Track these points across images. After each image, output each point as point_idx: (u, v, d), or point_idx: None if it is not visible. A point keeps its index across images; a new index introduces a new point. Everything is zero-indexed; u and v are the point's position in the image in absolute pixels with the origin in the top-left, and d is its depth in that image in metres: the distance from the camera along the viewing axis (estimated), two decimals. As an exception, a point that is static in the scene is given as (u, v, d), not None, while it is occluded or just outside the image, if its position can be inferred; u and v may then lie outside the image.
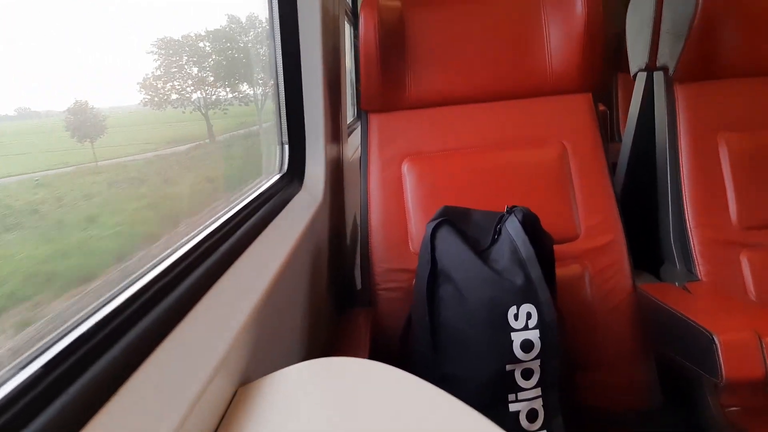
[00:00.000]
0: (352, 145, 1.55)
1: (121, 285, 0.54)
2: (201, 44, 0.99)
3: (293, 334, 0.79)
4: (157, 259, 0.62)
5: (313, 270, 0.96)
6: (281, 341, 0.72)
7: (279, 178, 1.07)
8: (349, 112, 2.47)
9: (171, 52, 0.86)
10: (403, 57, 1.17)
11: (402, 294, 1.08)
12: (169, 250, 0.65)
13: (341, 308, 1.12)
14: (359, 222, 1.15)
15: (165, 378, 0.44)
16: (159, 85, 0.83)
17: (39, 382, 0.38)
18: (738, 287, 1.09)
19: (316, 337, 0.94)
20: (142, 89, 0.79)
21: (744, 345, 0.79)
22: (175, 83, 0.88)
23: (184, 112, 0.92)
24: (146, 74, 0.80)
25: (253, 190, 0.95)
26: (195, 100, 0.96)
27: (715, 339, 0.79)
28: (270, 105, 1.14)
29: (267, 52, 1.12)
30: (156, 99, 0.82)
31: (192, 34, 0.94)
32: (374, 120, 1.19)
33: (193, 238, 0.68)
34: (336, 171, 1.27)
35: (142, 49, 0.78)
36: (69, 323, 0.46)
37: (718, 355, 0.79)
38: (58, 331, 0.45)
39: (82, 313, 0.48)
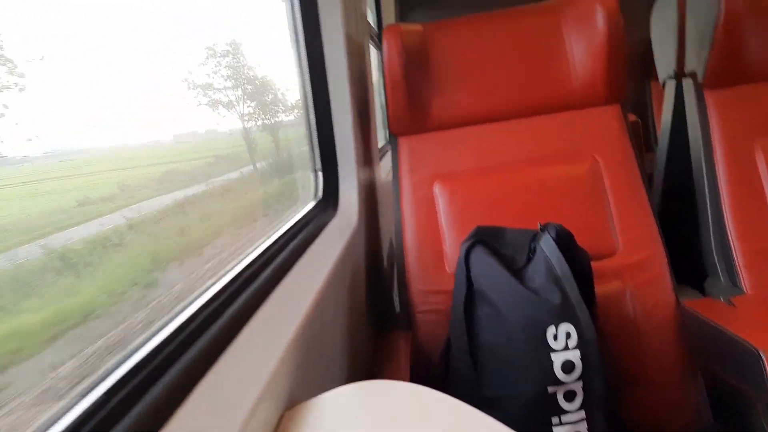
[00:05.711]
0: (385, 168, 1.57)
1: (168, 316, 0.57)
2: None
3: (334, 356, 0.80)
4: (201, 289, 0.64)
5: (351, 293, 0.97)
6: (323, 364, 0.73)
7: (315, 205, 1.09)
8: (381, 135, 2.49)
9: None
10: (428, 80, 1.19)
11: (440, 316, 1.08)
12: (212, 280, 0.67)
13: (380, 330, 1.12)
14: (395, 244, 1.16)
15: (213, 406, 0.45)
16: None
17: (94, 413, 0.40)
18: None
19: (356, 360, 0.95)
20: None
21: None
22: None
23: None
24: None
25: (290, 217, 0.98)
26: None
27: (762, 355, 0.77)
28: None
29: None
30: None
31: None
32: (404, 143, 1.21)
33: (234, 267, 0.71)
34: (369, 195, 1.29)
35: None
36: (120, 355, 0.49)
37: (765, 372, 0.76)
38: (108, 364, 0.47)
39: (131, 346, 0.50)
